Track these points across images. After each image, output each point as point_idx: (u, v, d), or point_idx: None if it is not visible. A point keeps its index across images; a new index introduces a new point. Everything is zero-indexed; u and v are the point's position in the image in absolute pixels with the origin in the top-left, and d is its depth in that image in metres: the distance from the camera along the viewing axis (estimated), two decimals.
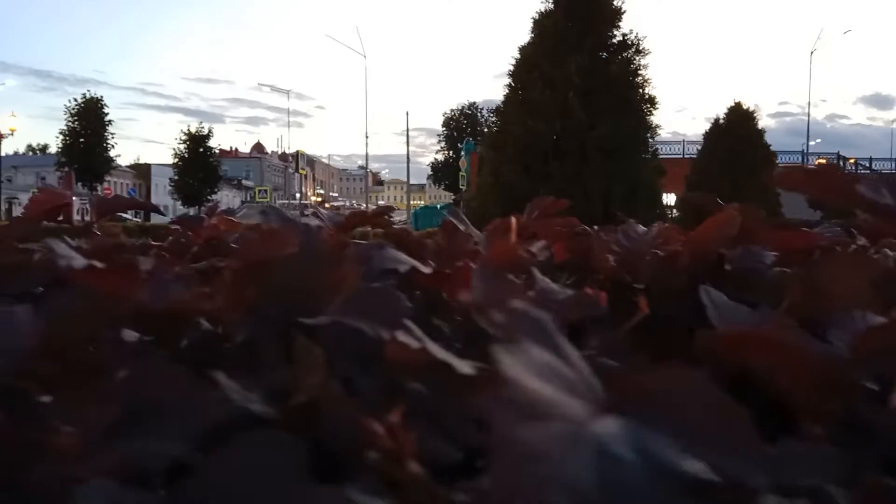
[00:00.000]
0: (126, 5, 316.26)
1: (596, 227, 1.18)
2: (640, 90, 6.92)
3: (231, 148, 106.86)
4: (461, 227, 0.98)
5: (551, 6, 7.08)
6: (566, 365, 0.31)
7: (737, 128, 15.80)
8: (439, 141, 65.20)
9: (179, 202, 29.81)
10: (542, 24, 7.00)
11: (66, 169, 24.03)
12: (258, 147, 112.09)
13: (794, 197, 19.24)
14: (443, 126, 65.21)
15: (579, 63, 6.60)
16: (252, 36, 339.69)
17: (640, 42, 6.96)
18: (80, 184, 25.73)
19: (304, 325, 0.51)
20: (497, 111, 7.33)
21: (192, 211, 35.99)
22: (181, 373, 0.40)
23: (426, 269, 0.68)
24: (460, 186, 42.27)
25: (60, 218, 0.90)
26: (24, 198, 64.02)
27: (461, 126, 64.03)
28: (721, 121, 16.17)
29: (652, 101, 6.93)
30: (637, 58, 6.95)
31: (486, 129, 52.61)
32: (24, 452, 0.34)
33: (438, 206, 52.83)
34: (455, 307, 0.64)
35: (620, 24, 7.04)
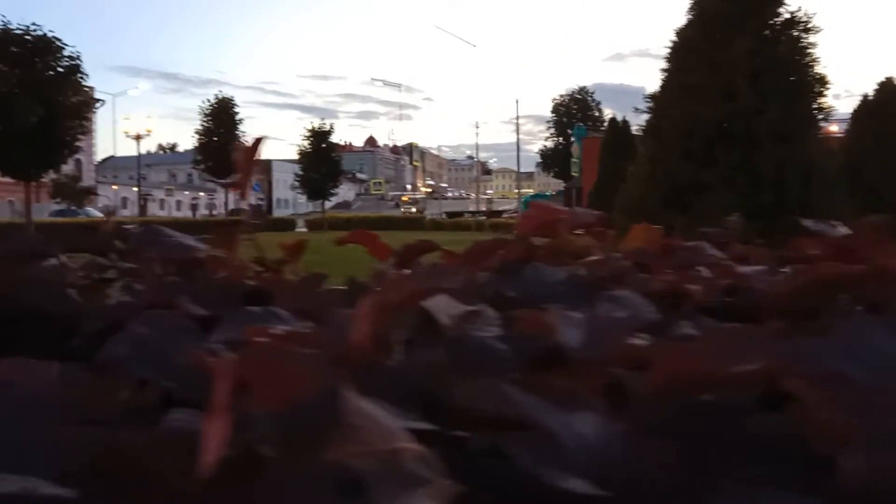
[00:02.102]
0: (244, 7, 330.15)
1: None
2: (810, 70, 6.58)
3: (345, 142, 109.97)
4: None
5: None
6: None
7: (887, 106, 14.75)
8: (549, 127, 64.30)
9: (305, 196, 30.84)
10: (702, 5, 6.76)
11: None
12: (371, 141, 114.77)
13: None
14: (552, 112, 64.26)
15: (745, 44, 6.34)
16: (362, 31, 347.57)
17: (810, 20, 6.61)
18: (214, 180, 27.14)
19: None
20: (653, 97, 7.14)
21: (311, 206, 37.11)
22: None
23: None
24: (572, 173, 41.57)
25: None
26: (158, 194, 67.96)
27: (571, 112, 62.91)
28: (870, 97, 15.15)
29: (823, 82, 6.56)
30: (806, 36, 6.60)
31: (596, 114, 51.28)
32: None
33: (548, 194, 52.24)
34: None
35: (786, 1, 6.72)
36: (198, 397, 0.57)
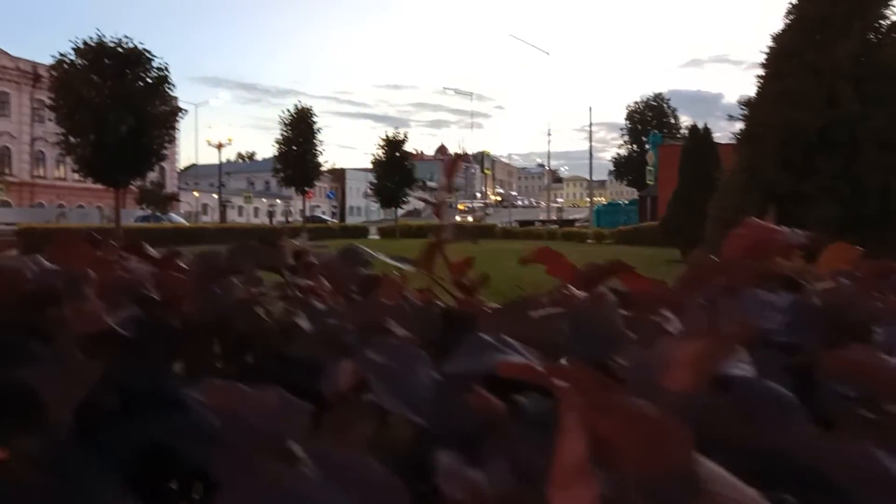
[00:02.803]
0: (320, 19, 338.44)
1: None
2: None
3: (416, 151, 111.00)
4: None
5: None
6: None
7: None
8: (622, 135, 62.93)
9: (379, 204, 31.20)
10: (802, 8, 6.50)
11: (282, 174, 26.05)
12: (442, 149, 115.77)
13: None
14: (626, 119, 62.85)
15: (848, 48, 6.06)
16: (435, 41, 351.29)
17: None
18: (293, 188, 27.77)
19: None
20: (748, 104, 6.89)
21: (382, 213, 37.47)
22: None
23: None
24: (647, 181, 40.59)
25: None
26: (237, 201, 70.14)
27: (646, 119, 61.45)
28: None
29: None
30: None
31: (672, 121, 50.03)
32: None
33: (622, 204, 51.15)
34: None
35: (893, 3, 6.40)
36: (450, 435, 0.52)
